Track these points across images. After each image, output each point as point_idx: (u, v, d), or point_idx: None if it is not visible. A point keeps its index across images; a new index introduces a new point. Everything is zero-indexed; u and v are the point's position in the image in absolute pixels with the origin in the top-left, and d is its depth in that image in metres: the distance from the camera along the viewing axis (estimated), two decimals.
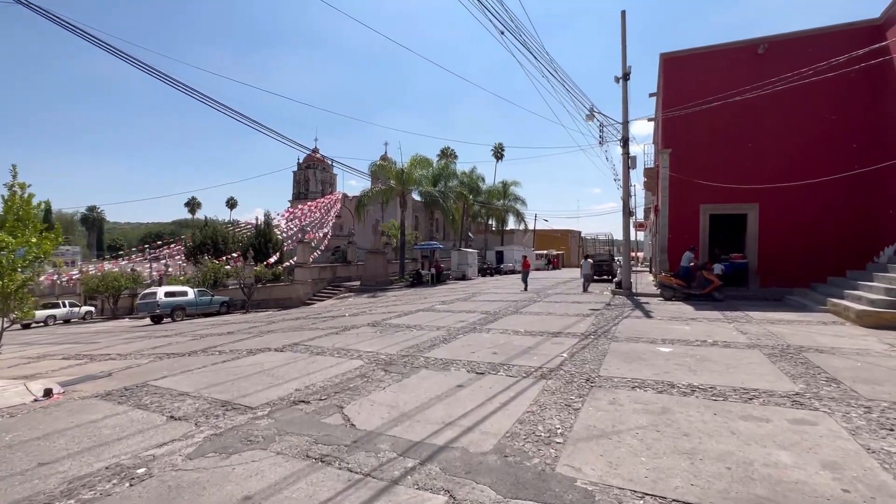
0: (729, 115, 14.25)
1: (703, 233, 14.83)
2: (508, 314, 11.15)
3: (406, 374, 5.77)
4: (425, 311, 12.72)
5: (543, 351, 6.82)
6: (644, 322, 9.31)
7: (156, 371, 6.77)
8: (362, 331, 9.63)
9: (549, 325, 9.24)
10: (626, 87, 14.76)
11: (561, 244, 62.99)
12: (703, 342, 7.10)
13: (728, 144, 14.51)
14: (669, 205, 15.10)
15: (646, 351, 6.59)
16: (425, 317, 11.37)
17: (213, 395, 5.14)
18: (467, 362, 6.23)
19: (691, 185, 14.56)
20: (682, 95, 14.52)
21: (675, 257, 15.07)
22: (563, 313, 10.92)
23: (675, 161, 15.03)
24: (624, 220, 14.99)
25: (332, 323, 11.81)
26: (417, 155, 29.23)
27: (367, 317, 12.46)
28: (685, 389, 4.76)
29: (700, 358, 6.08)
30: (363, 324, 10.77)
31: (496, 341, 7.69)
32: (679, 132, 15.05)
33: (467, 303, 14.25)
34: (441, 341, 7.89)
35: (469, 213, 42.15)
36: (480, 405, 4.47)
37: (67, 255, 66.73)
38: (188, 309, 22.09)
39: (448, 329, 9.17)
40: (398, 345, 7.71)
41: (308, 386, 5.36)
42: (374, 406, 4.54)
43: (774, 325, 8.56)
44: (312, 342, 8.56)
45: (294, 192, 68.38)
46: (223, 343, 9.89)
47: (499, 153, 72.91)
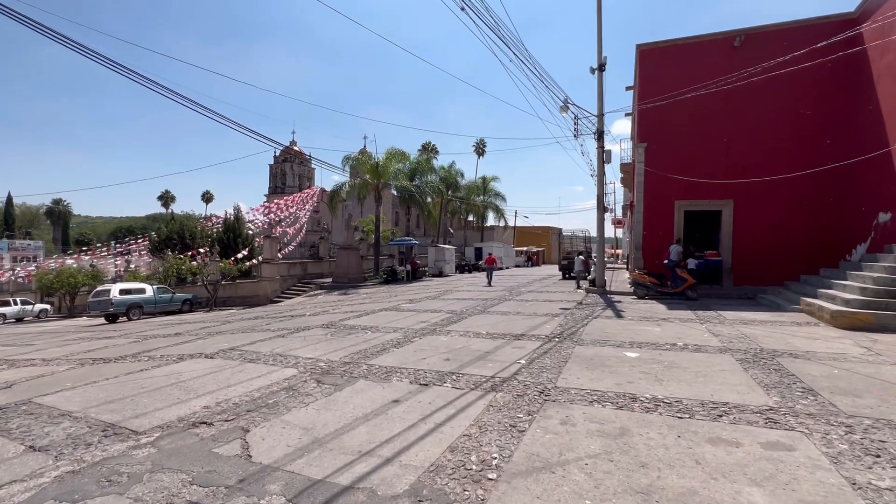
0: (704, 108, 13.90)
1: (677, 230, 14.49)
2: (475, 314, 10.54)
3: (340, 386, 5.08)
4: (389, 310, 12.02)
5: (501, 356, 6.21)
6: (614, 323, 8.81)
7: (57, 383, 5.91)
8: (313, 333, 8.87)
9: (514, 326, 8.66)
10: (601, 77, 14.26)
11: (542, 241, 62.98)
12: (672, 346, 6.60)
13: (703, 138, 14.18)
14: (644, 201, 14.71)
15: (611, 356, 6.04)
16: (386, 317, 10.68)
17: (101, 415, 4.35)
18: (414, 371, 5.57)
19: (666, 180, 14.18)
20: (658, 88, 14.12)
21: (650, 255, 14.72)
22: (531, 313, 10.36)
23: (651, 155, 14.64)
24: (598, 215, 14.54)
25: (288, 323, 11.01)
26: (393, 148, 28.41)
27: (327, 316, 11.69)
28: (648, 404, 4.19)
29: (668, 364, 5.56)
30: (317, 325, 10.01)
31: (453, 345, 7.05)
32: (654, 125, 14.65)
33: (435, 301, 13.60)
34: (393, 345, 7.21)
35: (448, 209, 41.51)
36: (412, 426, 3.81)
37: (29, 249, 63.75)
38: (146, 307, 20.88)
39: (405, 331, 8.50)
40: (345, 350, 7.01)
41: (220, 402, 4.62)
42: (287, 429, 3.84)
43: (748, 325, 8.15)
44: (252, 346, 7.77)
45: (270, 186, 66.52)
46: (160, 347, 9.00)
47: (480, 149, 72.53)
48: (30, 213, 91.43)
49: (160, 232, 33.82)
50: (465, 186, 41.96)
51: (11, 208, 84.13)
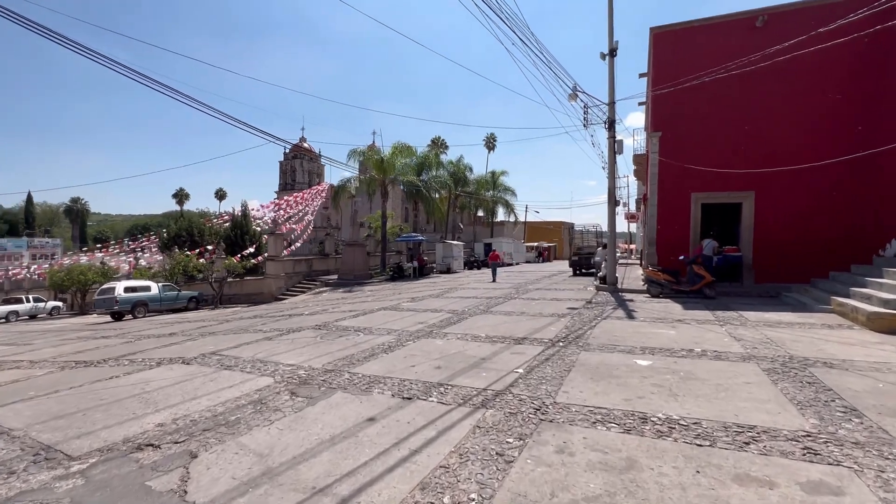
0: (723, 94, 13.05)
1: (694, 224, 13.70)
2: (476, 314, 9.97)
3: (314, 399, 4.57)
4: (388, 309, 11.53)
5: (498, 364, 5.65)
6: (624, 325, 8.16)
7: (20, 392, 5.54)
8: (302, 335, 8.41)
9: (517, 328, 8.08)
10: (612, 63, 13.48)
11: (553, 236, 61.92)
12: (689, 352, 5.95)
13: (722, 127, 13.32)
14: (658, 193, 13.93)
15: (620, 365, 5.43)
16: (383, 317, 10.18)
17: (42, 434, 3.92)
18: (399, 381, 5.04)
19: (682, 171, 13.38)
20: (673, 73, 13.28)
21: (664, 250, 13.95)
22: (536, 313, 9.75)
23: (665, 145, 13.84)
24: (609, 209, 13.82)
25: (282, 323, 10.60)
26: (399, 142, 27.84)
27: (323, 316, 11.25)
28: (661, 426, 3.59)
29: (684, 375, 4.93)
30: (310, 325, 9.56)
31: (447, 350, 6.51)
32: (669, 114, 13.83)
33: (438, 300, 13.07)
34: (383, 350, 6.70)
35: (457, 204, 40.90)
36: (382, 453, 3.28)
37: (47, 247, 65.01)
38: (151, 305, 20.77)
39: (399, 334, 7.98)
40: (330, 355, 6.52)
41: (178, 419, 4.16)
42: (239, 455, 3.34)
43: (773, 328, 7.43)
44: (236, 350, 7.34)
45: (281, 182, 66.58)
46: (147, 349, 8.65)
47: (491, 143, 71.55)
48: (50, 211, 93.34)
49: (170, 229, 33.95)
50: (475, 181, 41.26)
51: (32, 207, 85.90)
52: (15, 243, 62.85)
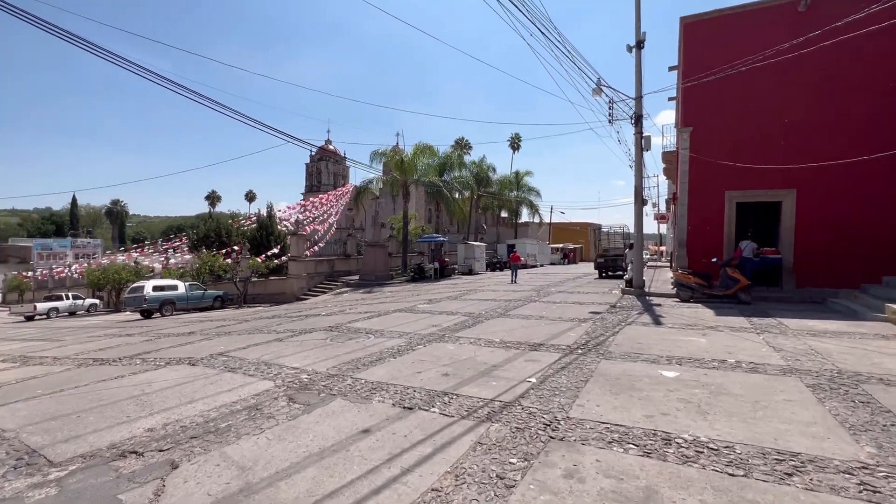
0: (760, 85, 12.21)
1: (728, 224, 12.88)
2: (493, 317, 9.60)
3: (311, 406, 4.34)
4: (404, 311, 11.29)
5: (509, 372, 5.29)
6: (651, 331, 7.63)
7: (28, 390, 5.57)
8: (313, 337, 8.26)
9: (534, 332, 7.67)
10: (639, 56, 12.86)
11: (579, 237, 60.59)
12: (721, 363, 5.42)
13: (759, 120, 12.48)
14: (689, 191, 13.18)
15: (643, 376, 4.98)
16: (398, 319, 9.94)
17: (32, 436, 3.83)
18: (402, 389, 4.76)
19: (715, 168, 12.61)
20: (705, 64, 12.53)
21: (695, 252, 13.19)
22: (556, 317, 9.30)
23: (697, 141, 13.08)
24: (636, 208, 13.15)
25: (297, 324, 10.52)
26: (421, 143, 27.72)
27: (339, 317, 11.12)
28: (687, 449, 3.17)
29: (715, 389, 4.45)
30: (323, 327, 9.42)
31: (457, 356, 6.19)
32: (701, 107, 13.08)
33: (455, 302, 12.75)
34: (391, 354, 6.44)
35: (479, 204, 40.48)
36: (371, 471, 3.00)
37: (89, 247, 68.28)
38: (178, 304, 21.30)
39: (411, 337, 7.71)
40: (337, 358, 6.30)
41: (168, 424, 4.00)
42: (221, 467, 3.13)
43: (817, 338, 6.76)
44: (245, 351, 7.24)
45: (307, 184, 67.83)
46: (162, 348, 8.70)
47: (515, 143, 70.67)
48: (93, 213, 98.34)
49: (199, 230, 34.94)
50: (498, 181, 40.74)
51: (76, 209, 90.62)
52: (60, 243, 66.36)
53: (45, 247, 64.11)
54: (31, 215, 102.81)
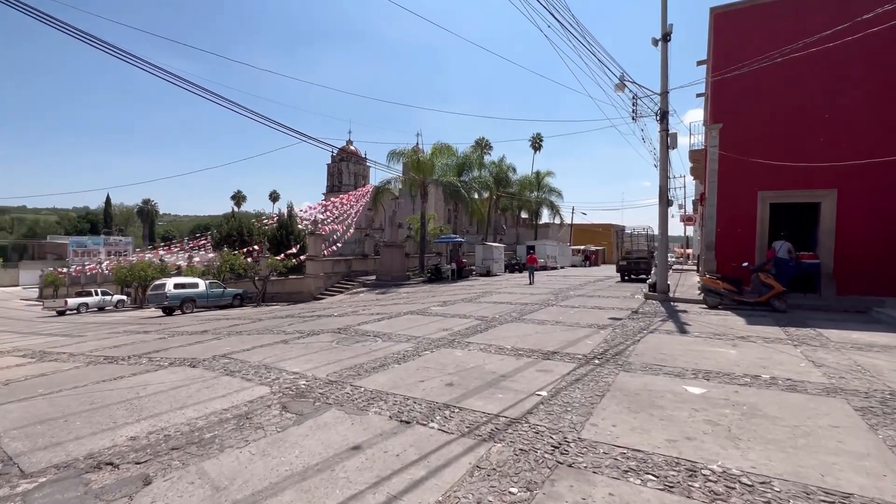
0: (797, 77, 11.44)
1: (760, 226, 12.13)
2: (507, 321, 9.22)
3: (304, 416, 4.09)
4: (416, 313, 11.02)
5: (519, 383, 4.92)
6: (675, 340, 7.11)
7: (31, 388, 5.52)
8: (319, 339, 8.06)
9: (548, 340, 7.26)
10: (665, 49, 12.24)
11: (602, 239, 59.25)
12: (754, 379, 4.92)
13: (795, 115, 11.70)
14: (718, 192, 12.47)
15: (665, 391, 4.54)
16: (408, 322, 9.67)
17: (13, 442, 3.69)
18: (402, 400, 4.46)
19: (747, 166, 11.88)
20: (738, 56, 11.82)
21: (724, 256, 12.48)
22: (573, 323, 8.85)
23: (727, 138, 12.37)
24: (661, 208, 12.52)
25: (307, 325, 10.38)
26: (439, 143, 27.46)
27: (349, 318, 10.93)
28: (716, 484, 2.76)
29: (748, 410, 3.98)
30: (331, 329, 9.22)
31: (465, 363, 5.85)
32: (732, 102, 12.36)
33: (470, 304, 12.40)
34: (396, 360, 6.15)
35: (499, 205, 39.95)
36: (355, 496, 2.70)
37: (121, 244, 70.77)
38: (199, 301, 21.64)
39: (419, 341, 7.41)
40: (340, 363, 6.06)
41: (153, 432, 3.80)
42: (195, 485, 2.89)
43: (863, 352, 6.14)
44: (247, 353, 7.08)
45: (328, 184, 68.53)
46: (171, 347, 8.66)
47: (537, 143, 69.84)
48: (126, 211, 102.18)
49: (221, 229, 35.61)
50: (518, 182, 40.10)
51: (110, 208, 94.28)
52: (94, 241, 69.02)
53: (80, 244, 66.78)
54: (69, 213, 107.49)
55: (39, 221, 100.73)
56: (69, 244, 66.62)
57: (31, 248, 78.97)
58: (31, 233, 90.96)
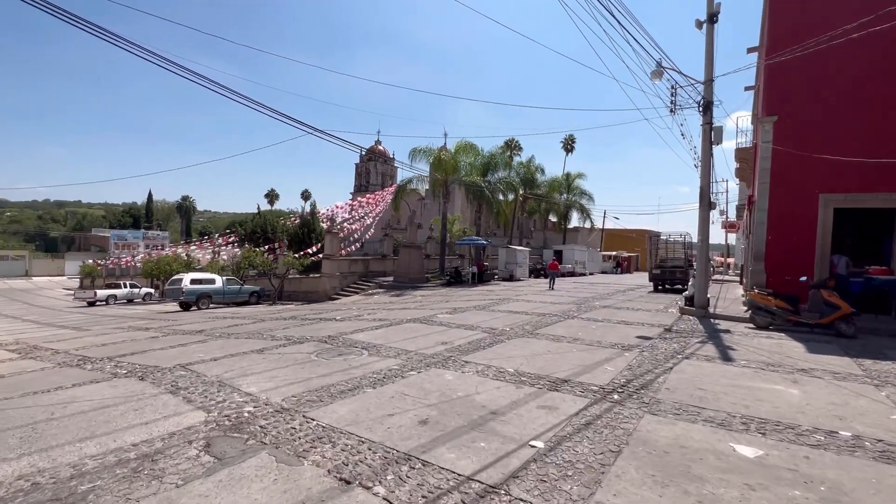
0: (870, 59, 9.77)
1: (822, 235, 10.47)
2: (517, 336, 8.11)
3: (225, 461, 3.18)
4: (419, 321, 10.06)
5: (511, 425, 3.86)
6: (718, 370, 5.82)
7: None
8: (300, 350, 7.21)
9: (562, 362, 6.13)
10: (711, 32, 10.80)
11: (636, 245, 56.55)
12: (830, 436, 3.66)
13: (867, 104, 10.01)
14: (771, 194, 10.88)
15: (706, 450, 3.37)
16: (406, 332, 8.72)
17: None
18: (355, 444, 3.49)
19: (806, 164, 10.28)
20: (798, 36, 10.22)
21: (775, 268, 10.87)
22: (594, 341, 7.64)
23: (783, 133, 10.78)
24: (701, 212, 11.03)
25: (298, 330, 9.61)
26: (463, 140, 26.48)
27: (348, 324, 10.10)
28: None
29: (830, 492, 2.78)
30: (319, 337, 8.36)
31: (452, 391, 4.82)
32: (789, 91, 10.76)
33: (481, 313, 11.32)
34: (373, 382, 5.19)
35: (525, 207, 38.53)
36: None
37: (158, 238, 73.51)
38: (215, 297, 21.48)
39: (410, 357, 6.44)
40: (306, 383, 5.16)
41: (22, 477, 2.98)
42: None
43: None
44: (212, 364, 6.30)
45: (356, 184, 68.83)
46: (152, 349, 8.06)
47: (569, 145, 67.65)
48: (166, 207, 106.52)
49: (246, 226, 35.90)
50: (546, 183, 38.52)
51: (151, 203, 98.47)
52: (133, 234, 71.99)
53: (121, 237, 69.76)
54: (114, 208, 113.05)
55: (87, 215, 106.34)
56: (110, 237, 69.70)
57: (77, 241, 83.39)
58: (80, 226, 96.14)
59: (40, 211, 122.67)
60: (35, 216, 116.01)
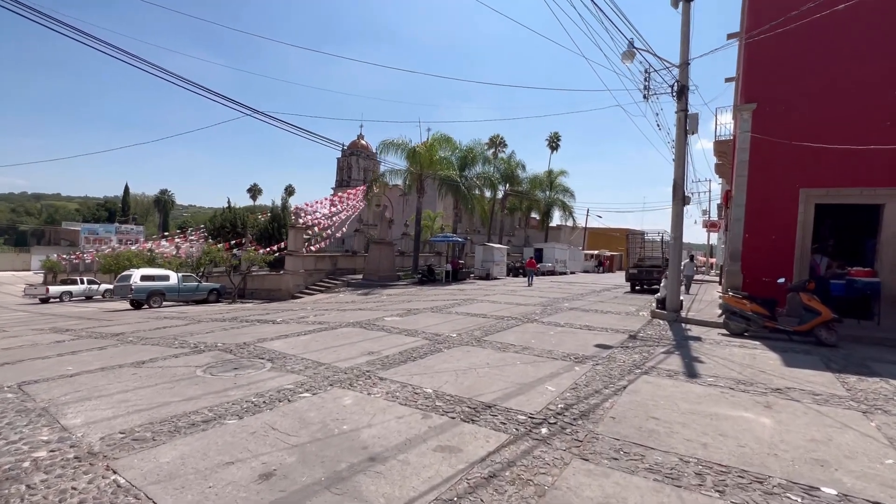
0: (857, 42, 8.97)
1: (802, 232, 9.67)
2: (461, 344, 7.09)
3: None
4: (360, 326, 8.99)
5: (385, 481, 2.83)
6: (679, 390, 4.87)
7: None
8: (192, 361, 6.10)
9: (497, 378, 5.13)
10: (688, 11, 9.91)
11: (619, 244, 56.04)
12: (808, 494, 2.70)
13: (853, 90, 9.21)
14: (749, 187, 10.05)
15: None
16: (335, 338, 7.66)
17: None
18: None
19: (786, 155, 9.46)
20: (781, 7, 9.35)
21: (753, 268, 10.05)
22: (545, 350, 6.66)
23: (762, 122, 9.94)
24: (674, 206, 10.14)
25: (219, 335, 8.48)
26: (438, 133, 25.43)
27: (281, 327, 9.00)
28: None
29: None
30: (227, 345, 7.24)
31: (336, 422, 3.78)
32: (771, 75, 9.93)
33: (435, 316, 10.30)
34: (245, 410, 4.13)
35: (506, 204, 37.62)
36: None
37: (132, 233, 71.01)
38: (169, 295, 20.08)
39: (317, 372, 5.38)
40: (159, 410, 4.07)
41: None
42: None
43: None
44: (64, 382, 5.16)
45: (337, 179, 67.09)
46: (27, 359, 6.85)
47: (554, 143, 67.01)
48: (145, 201, 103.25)
49: (213, 220, 34.33)
50: (528, 180, 37.59)
51: (128, 197, 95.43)
52: (105, 228, 69.40)
53: (92, 231, 67.15)
54: (92, 201, 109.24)
55: (59, 209, 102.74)
56: (81, 231, 67.06)
57: (48, 234, 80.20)
58: (51, 219, 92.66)
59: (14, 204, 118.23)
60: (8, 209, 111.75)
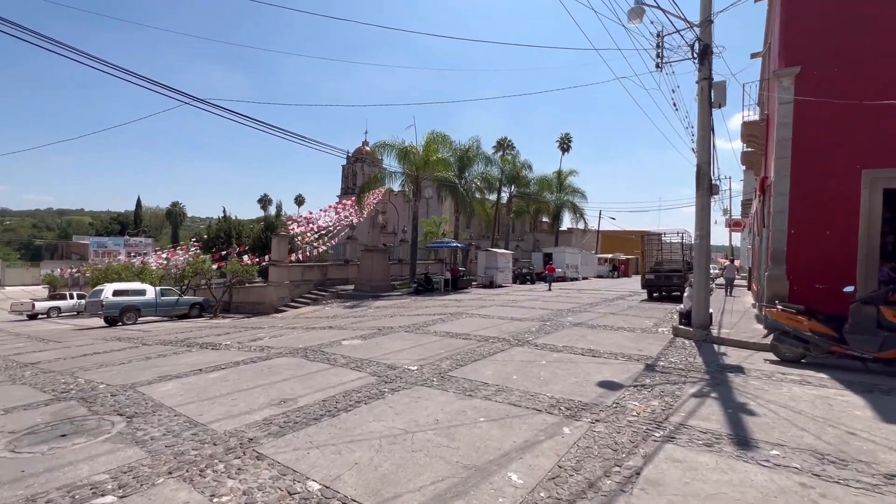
0: None
1: (865, 225, 7.62)
2: (415, 383, 5.27)
3: None
4: (308, 351, 7.25)
5: None
6: (725, 478, 2.97)
7: None
8: (12, 421, 4.43)
9: (438, 453, 3.31)
10: None
11: (635, 247, 53.50)
12: None
13: None
14: (793, 169, 8.04)
15: None
16: (256, 374, 5.92)
17: None
18: None
19: (842, 128, 7.46)
20: None
21: (801, 272, 8.02)
22: (527, 394, 4.79)
23: (808, 89, 7.96)
24: (699, 199, 8.20)
25: (119, 371, 6.82)
26: (435, 131, 23.74)
27: (217, 355, 7.31)
28: None
29: None
30: (90, 393, 5.57)
31: None
32: (816, 34, 7.96)
33: (408, 336, 8.51)
34: None
35: (511, 207, 35.69)
36: None
37: (140, 246, 70.99)
38: (145, 311, 18.66)
39: (157, 453, 3.64)
40: None
41: None
42: None
43: None
44: None
45: (342, 186, 66.00)
46: None
47: (565, 144, 64.82)
48: (159, 214, 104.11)
49: (209, 230, 33.26)
50: (536, 181, 35.61)
51: (140, 209, 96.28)
52: (114, 241, 69.51)
53: (101, 244, 67.25)
54: (101, 215, 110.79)
55: (72, 223, 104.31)
56: (90, 244, 67.23)
57: (60, 248, 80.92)
58: (64, 233, 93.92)
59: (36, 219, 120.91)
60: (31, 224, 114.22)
